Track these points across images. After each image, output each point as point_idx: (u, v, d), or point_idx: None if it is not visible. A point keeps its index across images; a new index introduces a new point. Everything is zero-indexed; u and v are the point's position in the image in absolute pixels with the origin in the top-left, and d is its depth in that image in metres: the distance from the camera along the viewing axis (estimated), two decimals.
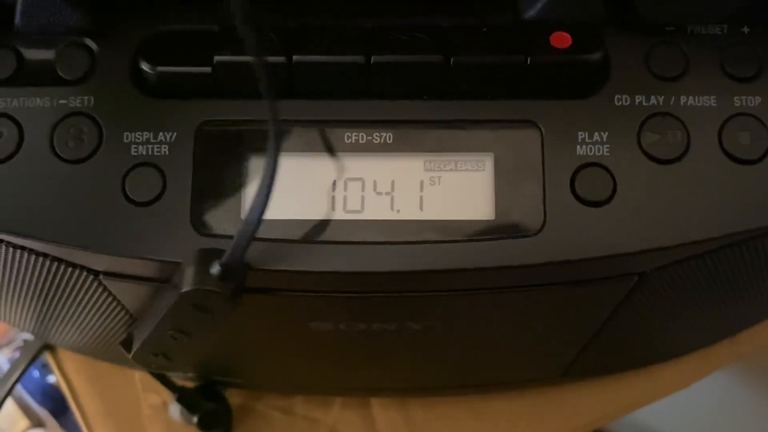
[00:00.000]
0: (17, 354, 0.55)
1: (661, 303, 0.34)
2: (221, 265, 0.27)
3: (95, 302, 0.34)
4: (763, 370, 0.61)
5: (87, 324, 0.37)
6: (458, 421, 0.49)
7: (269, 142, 0.25)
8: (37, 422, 0.56)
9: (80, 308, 0.35)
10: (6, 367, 0.55)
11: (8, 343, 0.57)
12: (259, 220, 0.26)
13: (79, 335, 0.40)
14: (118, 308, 0.35)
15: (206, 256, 0.27)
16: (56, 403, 0.55)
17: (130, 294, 0.33)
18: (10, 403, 0.54)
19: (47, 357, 0.51)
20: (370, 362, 0.41)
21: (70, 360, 0.50)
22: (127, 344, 0.38)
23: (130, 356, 0.32)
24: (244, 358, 0.42)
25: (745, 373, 0.61)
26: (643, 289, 0.32)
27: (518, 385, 0.48)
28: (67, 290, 0.33)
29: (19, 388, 0.54)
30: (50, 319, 0.38)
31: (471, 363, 0.42)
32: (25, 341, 0.52)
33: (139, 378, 0.49)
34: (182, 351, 0.31)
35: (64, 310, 0.36)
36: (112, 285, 0.32)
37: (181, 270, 0.28)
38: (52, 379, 0.55)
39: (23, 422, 0.56)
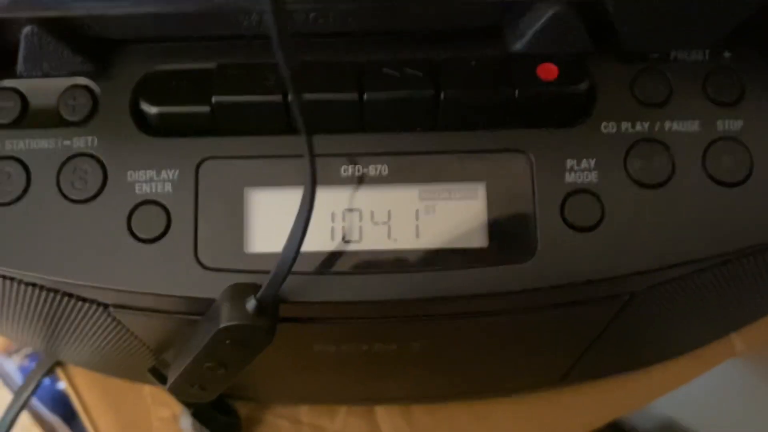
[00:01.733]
0: (27, 361, 0.56)
1: (653, 316, 0.35)
2: (257, 300, 0.27)
3: (107, 332, 0.35)
4: None
5: (100, 350, 0.38)
6: (461, 425, 0.50)
7: (306, 177, 0.25)
8: (49, 429, 0.57)
9: (93, 337, 0.36)
10: (15, 374, 0.56)
11: (17, 351, 0.58)
12: (296, 256, 0.26)
13: (92, 358, 0.41)
14: (130, 336, 0.36)
15: (240, 292, 0.28)
16: (66, 409, 0.56)
17: (140, 324, 0.34)
18: (23, 413, 0.55)
19: (58, 371, 0.52)
20: (373, 376, 0.42)
21: (81, 375, 0.51)
22: (155, 372, 0.40)
23: (166, 388, 0.32)
24: (254, 376, 0.44)
25: (763, 361, 0.62)
26: (635, 306, 0.33)
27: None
28: (79, 322, 0.34)
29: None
30: (63, 345, 0.39)
31: (470, 374, 0.43)
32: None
33: (149, 392, 0.51)
34: (217, 381, 0.32)
35: (77, 338, 0.37)
36: (123, 317, 0.33)
37: (216, 305, 0.28)
38: (61, 385, 0.56)
39: (36, 431, 0.57)
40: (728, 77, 0.30)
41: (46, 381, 0.56)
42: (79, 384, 0.51)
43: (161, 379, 0.39)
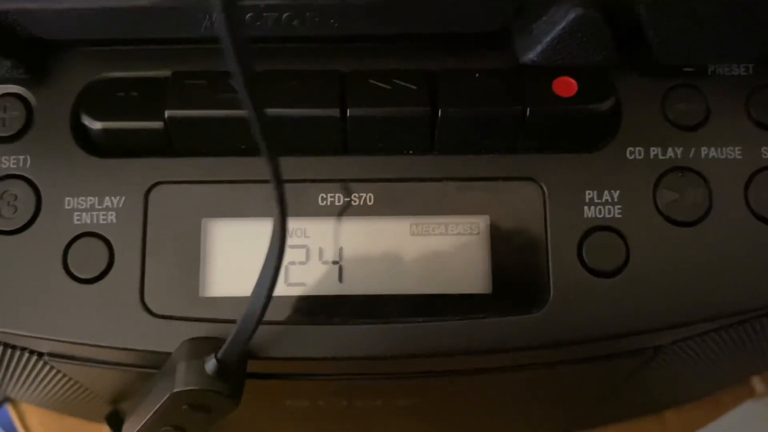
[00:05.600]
0: None
1: (676, 367, 0.31)
2: (218, 360, 0.23)
3: (47, 380, 0.31)
4: None
5: (47, 396, 0.34)
6: None
7: (276, 212, 0.20)
8: None
9: (35, 384, 0.32)
10: None
11: None
12: (266, 305, 0.22)
13: (42, 401, 0.36)
14: (75, 385, 0.31)
15: (198, 349, 0.24)
16: None
17: (84, 374, 0.29)
18: None
19: (8, 408, 0.47)
20: (354, 428, 0.38)
21: (34, 413, 0.46)
22: (112, 421, 0.35)
23: None
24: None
25: None
26: (658, 360, 0.29)
27: None
28: (14, 368, 0.30)
29: None
30: (6, 388, 0.34)
31: (465, 425, 0.38)
32: None
33: None
34: None
35: (18, 384, 0.32)
36: (62, 366, 0.28)
37: (171, 361, 0.24)
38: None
39: None
40: None
41: None
42: (32, 423, 0.46)
43: (119, 430, 0.34)
